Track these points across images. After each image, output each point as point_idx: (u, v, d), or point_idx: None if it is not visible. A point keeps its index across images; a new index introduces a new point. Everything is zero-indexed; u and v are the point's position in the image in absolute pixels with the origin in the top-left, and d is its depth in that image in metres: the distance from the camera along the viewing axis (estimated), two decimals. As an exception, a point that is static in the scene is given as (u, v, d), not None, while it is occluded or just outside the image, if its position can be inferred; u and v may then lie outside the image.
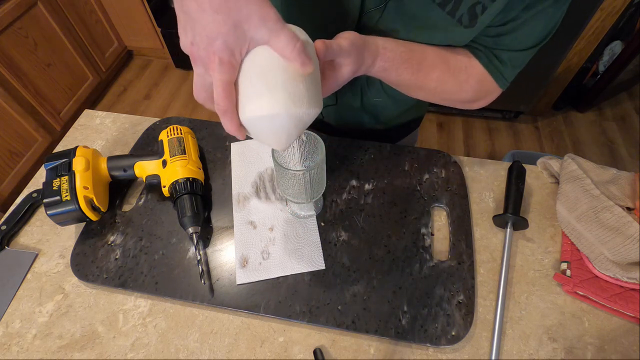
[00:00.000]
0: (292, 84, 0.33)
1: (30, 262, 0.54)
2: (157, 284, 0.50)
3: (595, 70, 1.80)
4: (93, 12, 1.89)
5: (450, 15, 0.43)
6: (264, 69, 0.32)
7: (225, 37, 0.29)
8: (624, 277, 0.49)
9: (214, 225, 0.56)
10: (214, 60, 0.30)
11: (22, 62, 1.54)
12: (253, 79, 0.32)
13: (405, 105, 0.66)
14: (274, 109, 0.32)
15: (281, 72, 0.32)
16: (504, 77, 0.50)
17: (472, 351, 0.47)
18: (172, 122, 0.69)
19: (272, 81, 0.32)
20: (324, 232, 0.55)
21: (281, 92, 0.32)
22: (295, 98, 0.33)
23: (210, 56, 0.30)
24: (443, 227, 0.57)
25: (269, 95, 0.32)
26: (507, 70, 0.49)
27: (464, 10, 0.42)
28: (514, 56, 0.48)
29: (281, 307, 0.48)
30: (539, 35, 0.46)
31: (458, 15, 0.42)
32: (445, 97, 0.52)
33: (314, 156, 0.51)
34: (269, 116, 0.33)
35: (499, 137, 1.86)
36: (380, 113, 0.66)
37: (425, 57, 0.47)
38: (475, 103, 0.54)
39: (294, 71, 0.32)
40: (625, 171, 0.58)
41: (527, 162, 0.63)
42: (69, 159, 0.54)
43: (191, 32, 0.30)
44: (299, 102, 0.33)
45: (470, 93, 0.52)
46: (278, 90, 0.32)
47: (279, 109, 0.33)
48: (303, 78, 0.33)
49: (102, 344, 0.47)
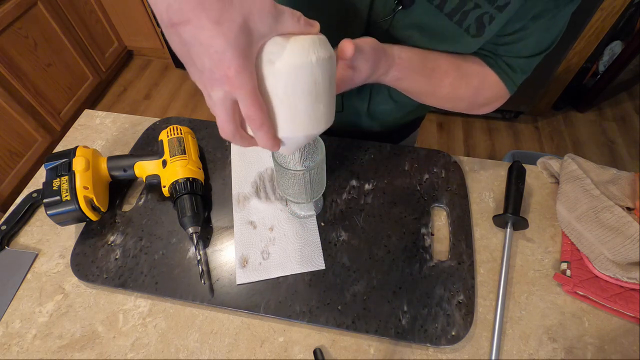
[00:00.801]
0: (314, 106, 0.31)
1: (30, 262, 0.54)
2: (157, 284, 0.50)
3: (595, 70, 1.80)
4: (93, 12, 1.89)
5: (457, 25, 0.43)
6: (286, 88, 0.30)
7: (235, 45, 0.27)
8: (624, 277, 0.49)
9: (214, 225, 0.56)
10: (230, 73, 0.27)
11: (22, 62, 1.54)
12: (273, 97, 0.30)
13: (410, 108, 0.66)
14: (294, 133, 0.32)
15: (305, 95, 0.30)
16: (513, 83, 0.51)
17: (472, 351, 0.47)
18: (172, 122, 0.69)
19: (294, 104, 0.31)
20: (324, 232, 0.55)
21: (302, 116, 0.32)
22: (315, 122, 0.33)
23: (226, 72, 0.27)
24: (443, 227, 0.57)
25: (289, 118, 0.31)
26: (516, 75, 0.50)
27: (471, 20, 0.43)
28: (523, 62, 0.49)
29: (281, 307, 0.48)
30: (546, 42, 0.47)
31: (465, 25, 0.43)
32: (456, 103, 0.53)
33: (314, 156, 0.51)
34: (286, 138, 0.33)
35: (499, 137, 1.86)
36: (385, 118, 0.67)
37: (438, 64, 0.48)
38: (484, 107, 0.55)
39: (317, 92, 0.31)
40: (625, 171, 0.58)
41: (527, 162, 0.63)
42: (69, 159, 0.54)
43: (198, 59, 0.27)
44: (317, 125, 0.33)
45: (482, 98, 0.53)
46: (300, 114, 0.31)
47: (299, 133, 0.32)
48: (324, 98, 0.32)
49: (102, 344, 0.47)
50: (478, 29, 0.44)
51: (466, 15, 0.42)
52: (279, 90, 0.30)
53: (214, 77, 0.28)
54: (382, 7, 0.45)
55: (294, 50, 0.29)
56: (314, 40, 0.30)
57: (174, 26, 0.27)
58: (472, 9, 0.42)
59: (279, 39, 0.29)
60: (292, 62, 0.29)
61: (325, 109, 0.33)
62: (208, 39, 0.26)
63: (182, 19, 0.26)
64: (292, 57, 0.29)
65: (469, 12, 0.42)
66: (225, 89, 0.28)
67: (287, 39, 0.29)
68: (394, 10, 0.44)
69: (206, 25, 0.26)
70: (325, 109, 0.33)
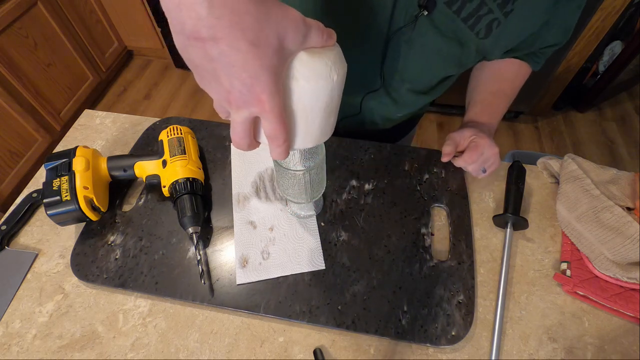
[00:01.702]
0: (327, 120, 0.33)
1: (30, 262, 0.54)
2: (157, 284, 0.50)
3: (595, 70, 1.80)
4: (93, 12, 1.89)
5: (470, 29, 0.48)
6: (306, 105, 0.30)
7: (269, 69, 0.25)
8: (624, 277, 0.49)
9: (214, 225, 0.56)
10: (263, 98, 0.26)
11: (22, 62, 1.54)
12: (294, 115, 0.31)
13: (419, 111, 0.73)
14: (305, 145, 0.34)
15: (323, 111, 0.31)
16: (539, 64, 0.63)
17: (472, 351, 0.47)
18: (172, 122, 0.69)
19: (312, 120, 0.32)
20: (324, 232, 0.55)
21: (316, 130, 0.33)
22: (324, 134, 0.34)
23: (259, 95, 0.26)
24: (443, 227, 0.57)
25: (303, 132, 0.32)
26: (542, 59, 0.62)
27: (483, 25, 0.48)
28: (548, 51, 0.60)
29: (281, 307, 0.48)
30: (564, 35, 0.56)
31: (477, 29, 0.48)
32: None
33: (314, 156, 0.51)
34: (298, 148, 0.34)
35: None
36: (395, 121, 0.70)
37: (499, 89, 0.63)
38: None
39: (332, 108, 0.32)
40: (625, 171, 0.58)
41: (527, 162, 0.63)
42: (69, 159, 0.54)
43: (227, 79, 0.25)
44: (325, 136, 0.35)
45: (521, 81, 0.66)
46: (314, 129, 0.33)
47: (309, 144, 0.34)
48: (335, 111, 0.33)
49: (102, 344, 0.47)
50: (486, 32, 0.49)
51: (479, 20, 0.47)
52: (299, 107, 0.30)
53: (243, 98, 0.26)
54: (404, 15, 0.48)
55: (317, 68, 0.29)
56: (335, 57, 0.30)
57: (201, 40, 0.24)
58: (486, 14, 0.47)
59: (304, 55, 0.29)
60: (315, 81, 0.29)
61: (334, 120, 0.35)
62: (242, 62, 0.24)
63: (214, 35, 0.23)
64: (316, 76, 0.29)
65: (483, 17, 0.47)
66: (253, 110, 0.27)
67: (310, 55, 0.29)
68: (416, 16, 0.47)
69: (242, 47, 0.24)
70: (334, 120, 0.34)
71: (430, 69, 0.56)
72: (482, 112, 0.62)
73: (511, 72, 0.63)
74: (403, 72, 0.56)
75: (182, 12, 0.24)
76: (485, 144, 0.56)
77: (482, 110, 0.63)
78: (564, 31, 0.55)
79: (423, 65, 0.55)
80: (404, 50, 0.52)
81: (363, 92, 0.60)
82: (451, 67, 0.55)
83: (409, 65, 0.54)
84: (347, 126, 0.69)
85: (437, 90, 0.61)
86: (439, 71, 0.57)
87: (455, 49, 0.52)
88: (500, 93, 0.63)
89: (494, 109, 0.63)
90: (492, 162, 0.57)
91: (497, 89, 0.63)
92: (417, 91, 0.60)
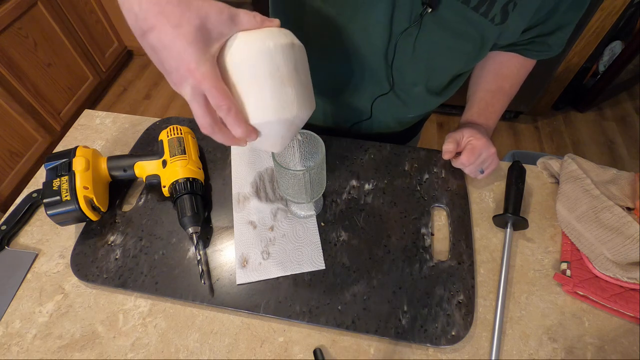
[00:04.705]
0: (281, 89, 0.33)
1: (30, 262, 0.54)
2: (157, 284, 0.50)
3: (595, 70, 1.80)
4: (93, 12, 1.89)
5: (484, 16, 0.46)
6: (249, 75, 0.32)
7: (194, 43, 0.29)
8: (624, 277, 0.49)
9: (214, 225, 0.56)
10: (192, 67, 0.29)
11: (22, 62, 1.54)
12: (239, 86, 0.32)
13: (427, 114, 0.73)
14: (265, 117, 0.33)
15: (269, 78, 0.32)
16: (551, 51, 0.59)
17: (472, 351, 0.47)
18: (172, 122, 0.69)
19: (260, 88, 0.32)
20: (324, 232, 0.55)
21: (270, 99, 0.33)
22: (285, 105, 0.33)
23: (188, 66, 0.29)
24: (443, 227, 0.57)
25: (257, 103, 0.33)
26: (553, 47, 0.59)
27: (497, 10, 0.45)
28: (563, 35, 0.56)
29: (281, 307, 0.48)
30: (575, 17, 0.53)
31: (491, 15, 0.46)
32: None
33: (314, 156, 0.51)
34: (259, 124, 0.33)
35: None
36: (407, 123, 0.70)
37: (498, 87, 0.62)
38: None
39: (281, 75, 0.32)
40: (625, 171, 0.58)
41: (527, 162, 0.63)
42: (69, 159, 0.54)
43: (165, 61, 0.30)
44: (288, 108, 0.34)
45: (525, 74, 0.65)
46: (266, 98, 0.32)
47: (270, 116, 0.33)
48: (291, 82, 0.33)
49: (102, 344, 0.47)
50: (502, 17, 0.46)
51: (492, 5, 0.45)
52: (244, 77, 0.32)
53: (180, 74, 0.30)
54: (409, 15, 0.46)
55: (250, 39, 0.32)
56: (271, 30, 0.33)
57: (143, 35, 0.30)
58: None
59: (240, 34, 0.32)
60: (249, 49, 0.32)
61: (296, 93, 0.34)
62: (170, 41, 0.29)
63: (149, 26, 0.29)
64: (249, 45, 0.32)
65: (495, 1, 0.44)
66: (191, 83, 0.30)
67: (247, 33, 0.32)
68: (421, 15, 0.46)
69: (168, 29, 0.29)
70: (295, 92, 0.34)
71: (440, 68, 0.55)
72: (480, 113, 0.62)
73: (513, 67, 0.62)
74: (412, 74, 0.55)
75: (129, 18, 0.30)
76: (482, 145, 0.56)
77: (480, 111, 0.62)
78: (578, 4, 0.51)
79: (433, 65, 0.54)
80: (411, 51, 0.51)
81: (373, 97, 0.60)
82: (462, 63, 0.55)
83: (418, 66, 0.54)
84: (358, 131, 0.69)
85: (449, 90, 0.61)
86: (450, 69, 0.56)
87: (466, 44, 0.50)
88: (499, 92, 0.63)
89: (491, 110, 0.63)
90: (490, 162, 0.57)
91: (496, 87, 0.62)
92: (428, 91, 0.59)
